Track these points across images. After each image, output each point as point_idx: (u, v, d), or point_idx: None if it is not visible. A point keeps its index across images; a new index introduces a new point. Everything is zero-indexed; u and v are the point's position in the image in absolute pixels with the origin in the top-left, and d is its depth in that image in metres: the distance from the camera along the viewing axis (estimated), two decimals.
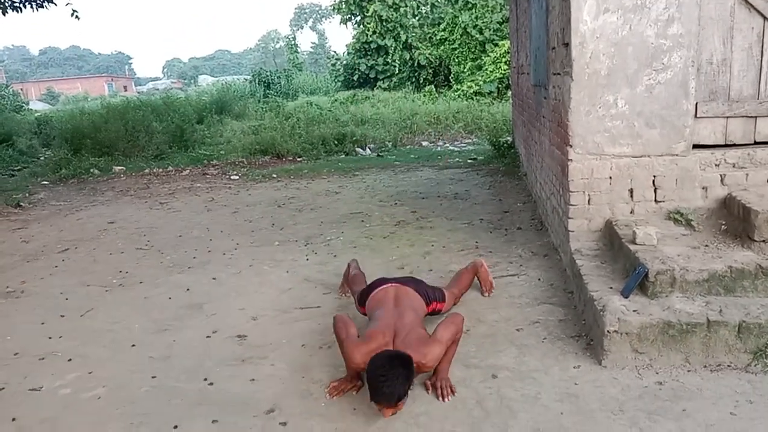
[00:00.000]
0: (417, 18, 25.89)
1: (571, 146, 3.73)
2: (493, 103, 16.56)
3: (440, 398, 2.63)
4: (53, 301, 4.18)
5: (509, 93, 16.80)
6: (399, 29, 25.25)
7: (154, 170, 10.12)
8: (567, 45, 3.70)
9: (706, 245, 3.28)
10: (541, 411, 2.48)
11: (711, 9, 3.54)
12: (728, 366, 2.68)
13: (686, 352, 2.72)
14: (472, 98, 18.03)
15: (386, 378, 2.44)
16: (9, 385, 3.00)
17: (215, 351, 3.26)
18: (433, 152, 11.14)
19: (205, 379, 2.94)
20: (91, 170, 10.22)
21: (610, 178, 3.74)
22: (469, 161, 9.43)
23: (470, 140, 12.73)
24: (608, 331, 2.76)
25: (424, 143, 12.67)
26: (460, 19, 22.30)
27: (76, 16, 10.37)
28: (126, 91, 51.55)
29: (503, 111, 14.23)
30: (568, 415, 2.44)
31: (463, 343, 3.11)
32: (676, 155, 3.66)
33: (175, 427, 2.55)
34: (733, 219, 3.45)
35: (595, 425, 2.36)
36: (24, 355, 3.34)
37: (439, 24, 24.26)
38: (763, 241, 3.12)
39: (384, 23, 25.66)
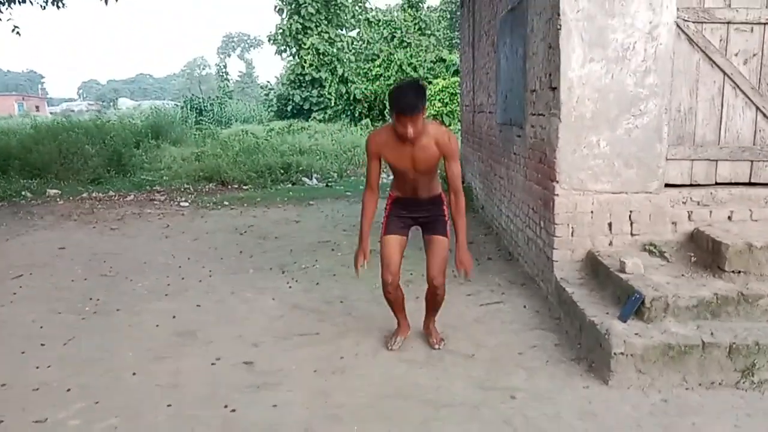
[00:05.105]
0: (352, 53, 26.47)
1: (557, 182, 4.01)
2: None
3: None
4: (27, 330, 3.94)
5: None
6: (336, 63, 25.69)
7: (94, 195, 9.72)
8: (554, 89, 4.01)
9: (682, 275, 3.61)
10: (567, 429, 2.64)
11: (680, 63, 3.96)
12: (720, 384, 2.96)
13: (684, 371, 2.97)
14: None
15: (403, 90, 3.00)
16: (7, 418, 2.81)
17: (225, 378, 3.20)
18: (381, 184, 11.29)
19: (226, 406, 2.88)
20: (23, 193, 9.67)
21: (592, 212, 4.04)
22: None
23: None
24: (615, 353, 2.98)
25: None
26: (395, 56, 23.01)
27: None
28: (38, 111, 48.85)
29: None
30: None
31: (472, 367, 3.25)
32: (650, 193, 4.02)
33: None
34: (702, 251, 3.80)
35: None
36: (14, 387, 3.14)
37: (374, 60, 24.85)
38: (733, 271, 3.48)
39: (321, 56, 26.03)
